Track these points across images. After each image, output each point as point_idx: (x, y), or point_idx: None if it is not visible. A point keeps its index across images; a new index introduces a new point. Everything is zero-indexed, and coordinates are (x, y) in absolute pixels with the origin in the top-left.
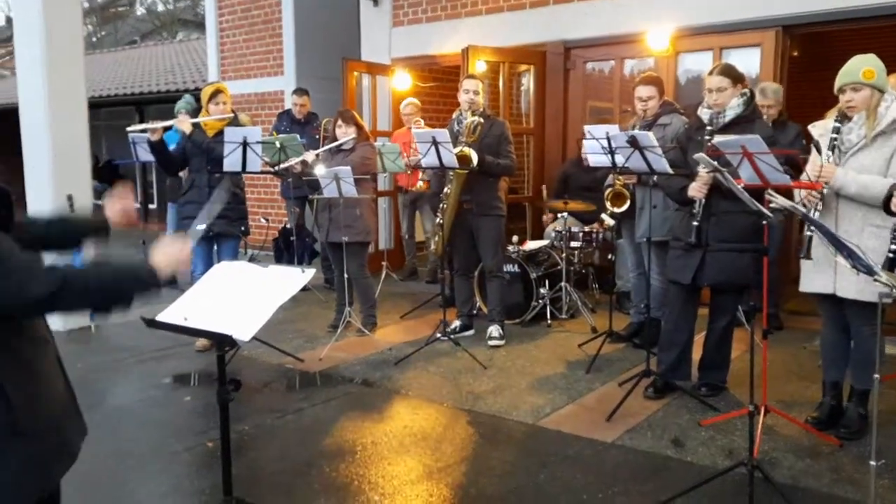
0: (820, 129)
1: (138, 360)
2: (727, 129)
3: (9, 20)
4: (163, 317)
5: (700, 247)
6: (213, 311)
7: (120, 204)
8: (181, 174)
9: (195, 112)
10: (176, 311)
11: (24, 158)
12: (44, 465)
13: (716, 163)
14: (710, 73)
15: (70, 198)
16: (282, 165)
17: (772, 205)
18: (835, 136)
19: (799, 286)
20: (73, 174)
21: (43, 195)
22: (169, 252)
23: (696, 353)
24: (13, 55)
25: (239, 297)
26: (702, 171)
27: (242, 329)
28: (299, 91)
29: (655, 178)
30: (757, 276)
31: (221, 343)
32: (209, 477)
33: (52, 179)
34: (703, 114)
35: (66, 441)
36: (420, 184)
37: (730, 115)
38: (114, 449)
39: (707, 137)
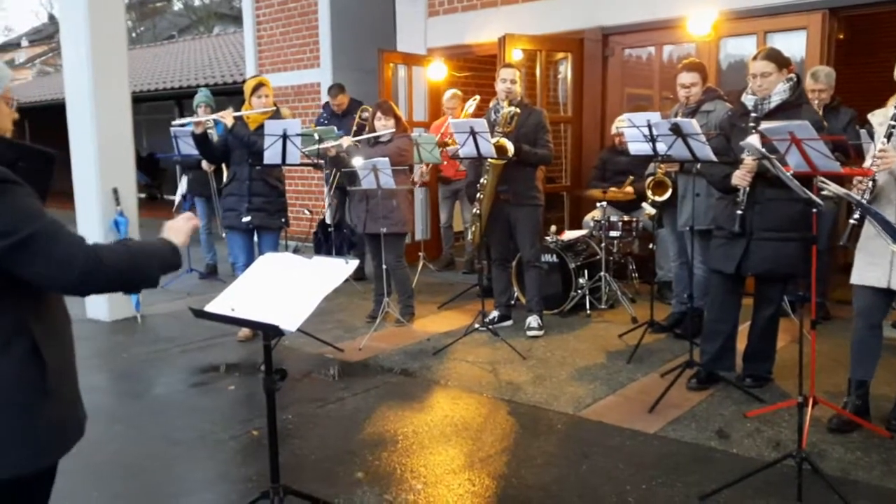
0: (879, 118)
1: (182, 350)
2: (772, 115)
3: (51, 17)
4: (210, 308)
5: (744, 235)
6: (259, 301)
7: None
8: (205, 167)
9: (220, 106)
10: (223, 302)
11: (70, 153)
12: (65, 431)
13: (763, 150)
14: (755, 58)
15: (115, 191)
16: (319, 146)
17: (823, 192)
18: (894, 122)
19: (850, 277)
20: (118, 167)
21: (89, 188)
22: (179, 228)
23: (741, 344)
24: (56, 52)
25: (284, 288)
26: (747, 158)
27: (289, 319)
28: (334, 89)
29: (699, 166)
30: (804, 265)
31: (268, 333)
32: (255, 465)
33: (98, 173)
34: (748, 100)
35: (81, 416)
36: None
37: (775, 100)
38: (162, 436)
39: (752, 124)
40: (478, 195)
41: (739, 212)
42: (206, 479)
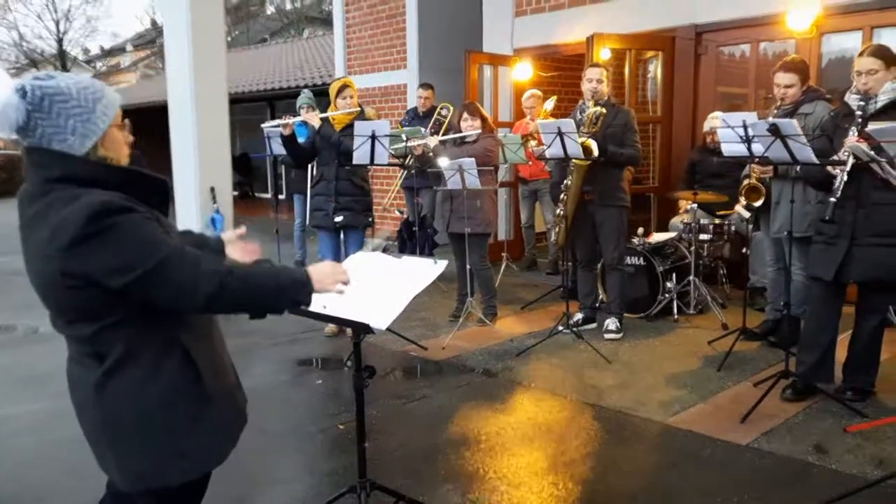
0: None
1: (272, 344)
2: (879, 115)
3: (153, 23)
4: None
5: (844, 238)
6: (350, 300)
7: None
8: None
9: (317, 106)
10: (316, 300)
11: (171, 152)
12: (230, 427)
13: (871, 152)
14: (861, 54)
15: (213, 190)
16: (408, 144)
17: None
18: None
19: None
20: (216, 167)
21: (188, 187)
22: (325, 274)
23: (840, 354)
24: (157, 56)
25: (375, 287)
26: (849, 160)
27: (379, 318)
28: (424, 85)
29: (798, 169)
30: None
31: (358, 331)
32: (342, 458)
33: (198, 172)
34: (851, 100)
35: (240, 406)
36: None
37: (882, 100)
38: (256, 426)
39: (858, 123)
40: (562, 196)
41: (833, 199)
42: (296, 471)
